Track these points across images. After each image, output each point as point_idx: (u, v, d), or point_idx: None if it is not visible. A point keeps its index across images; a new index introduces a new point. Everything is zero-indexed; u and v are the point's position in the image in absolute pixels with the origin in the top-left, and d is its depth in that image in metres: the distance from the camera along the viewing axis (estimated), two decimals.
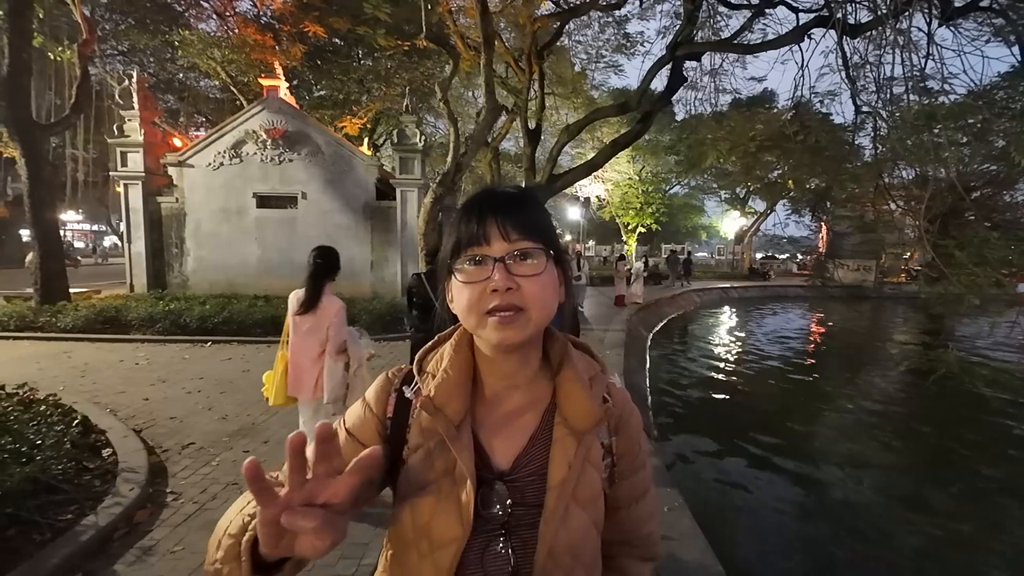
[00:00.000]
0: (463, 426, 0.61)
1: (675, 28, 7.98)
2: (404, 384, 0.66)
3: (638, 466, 0.69)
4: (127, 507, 2.54)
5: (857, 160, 8.41)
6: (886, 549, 3.35)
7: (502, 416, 0.64)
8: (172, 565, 2.20)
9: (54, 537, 2.23)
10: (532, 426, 0.63)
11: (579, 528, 0.59)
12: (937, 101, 4.05)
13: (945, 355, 3.79)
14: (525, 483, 0.60)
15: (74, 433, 3.13)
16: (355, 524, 2.56)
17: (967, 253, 3.58)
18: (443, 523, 0.57)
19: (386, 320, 7.94)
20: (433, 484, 0.59)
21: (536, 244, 0.58)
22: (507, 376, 0.64)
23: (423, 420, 0.62)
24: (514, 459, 0.61)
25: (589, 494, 0.61)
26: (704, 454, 4.75)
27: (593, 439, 0.63)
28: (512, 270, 0.56)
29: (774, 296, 19.83)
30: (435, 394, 0.61)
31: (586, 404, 0.61)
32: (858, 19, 5.55)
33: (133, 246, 9.93)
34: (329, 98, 14.58)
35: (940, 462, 4.91)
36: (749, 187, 24.11)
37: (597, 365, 0.69)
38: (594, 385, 0.64)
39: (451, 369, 0.63)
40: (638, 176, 21.98)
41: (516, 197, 0.61)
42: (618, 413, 0.67)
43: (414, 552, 0.59)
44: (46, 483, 2.49)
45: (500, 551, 0.58)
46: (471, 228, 0.58)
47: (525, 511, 0.59)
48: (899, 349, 10.71)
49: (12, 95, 7.61)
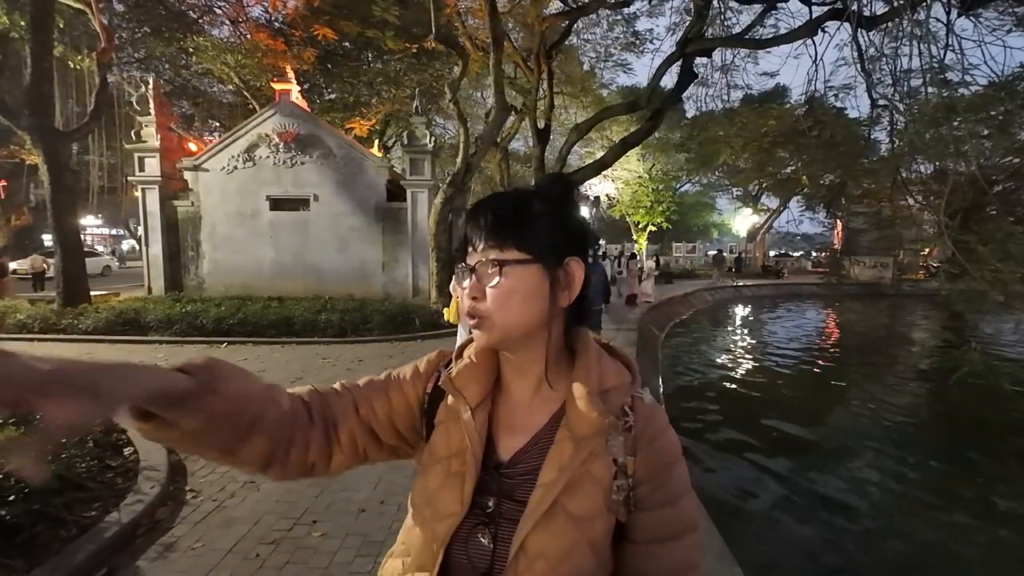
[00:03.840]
0: (479, 411, 0.64)
1: (685, 24, 7.91)
2: (446, 365, 0.71)
3: (667, 499, 0.61)
4: (149, 504, 2.59)
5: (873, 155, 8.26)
6: (906, 550, 3.29)
7: (515, 410, 0.65)
8: (193, 561, 2.24)
9: (79, 533, 2.28)
10: (539, 425, 0.63)
11: (563, 540, 0.56)
12: (957, 93, 3.96)
13: (968, 353, 3.70)
14: (518, 479, 0.61)
15: (97, 432, 3.21)
16: (370, 521, 2.59)
17: (990, 248, 3.49)
18: (446, 497, 0.61)
19: (397, 321, 7.99)
20: (446, 459, 0.64)
21: (501, 253, 0.58)
22: (517, 369, 0.65)
23: (449, 399, 0.66)
24: (514, 454, 0.62)
25: (584, 509, 0.58)
26: (719, 454, 4.70)
27: (598, 451, 0.59)
28: (482, 279, 0.59)
29: (788, 294, 19.52)
30: (456, 376, 0.65)
31: (587, 409, 0.59)
32: (873, 11, 5.45)
33: (151, 249, 10.15)
34: (340, 101, 14.73)
35: (963, 463, 4.80)
36: (762, 184, 23.79)
37: (627, 375, 0.65)
38: (611, 395, 0.61)
39: (475, 356, 0.66)
40: (648, 174, 21.82)
41: (500, 203, 0.60)
42: (640, 431, 0.61)
43: (419, 517, 0.65)
44: (71, 480, 2.55)
45: (482, 540, 0.59)
46: (460, 236, 0.64)
47: (513, 506, 0.59)
48: (919, 347, 10.48)
49: (35, 103, 7.82)
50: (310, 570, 2.20)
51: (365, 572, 2.19)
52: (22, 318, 7.34)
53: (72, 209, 8.54)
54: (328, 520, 2.59)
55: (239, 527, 2.51)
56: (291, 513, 2.65)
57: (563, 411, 0.62)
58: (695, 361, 8.56)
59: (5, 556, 2.04)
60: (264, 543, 2.39)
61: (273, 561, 2.25)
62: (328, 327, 7.51)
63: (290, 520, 2.58)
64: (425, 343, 7.44)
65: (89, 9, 8.67)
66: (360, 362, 6.12)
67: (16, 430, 2.58)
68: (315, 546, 2.37)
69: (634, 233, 24.04)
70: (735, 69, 8.41)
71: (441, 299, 9.07)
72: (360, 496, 2.80)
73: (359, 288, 9.92)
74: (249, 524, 2.54)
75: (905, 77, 4.33)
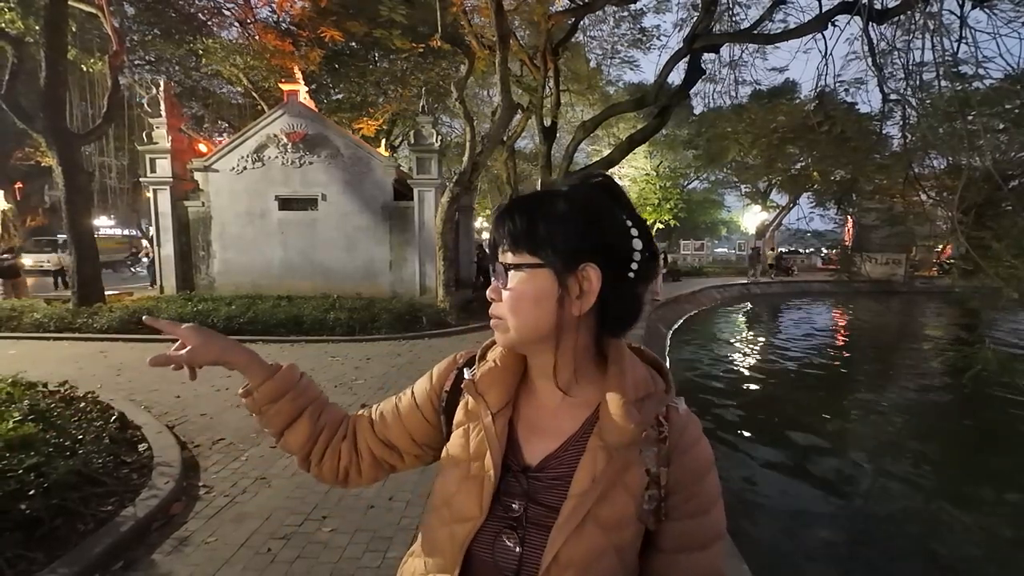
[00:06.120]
0: (500, 415, 0.63)
1: (692, 20, 7.84)
2: (467, 366, 0.71)
3: (697, 510, 0.60)
4: (163, 499, 2.64)
5: (885, 150, 8.14)
6: (917, 550, 3.25)
7: (543, 413, 0.64)
8: (207, 555, 2.28)
9: (97, 527, 2.33)
10: (570, 431, 0.62)
11: (593, 548, 0.57)
12: (971, 87, 3.88)
13: (982, 351, 3.64)
14: (548, 484, 0.60)
15: (112, 429, 3.27)
16: (379, 517, 2.62)
17: (1004, 244, 3.43)
18: (465, 500, 0.62)
19: (406, 319, 8.03)
20: (464, 463, 0.64)
21: (515, 257, 0.58)
22: (543, 372, 0.63)
23: (470, 402, 0.67)
24: (544, 458, 0.61)
25: (614, 517, 0.58)
26: (729, 453, 4.67)
27: (632, 460, 0.58)
28: (498, 281, 0.61)
29: (798, 292, 19.32)
30: (480, 380, 0.65)
31: (622, 419, 0.57)
32: (885, 4, 5.38)
33: (162, 249, 10.28)
34: (347, 101, 14.79)
35: (976, 462, 4.73)
36: (771, 180, 23.52)
37: (662, 384, 0.64)
38: (646, 403, 0.59)
39: (499, 360, 0.66)
40: (655, 172, 21.70)
41: (521, 207, 0.60)
42: (674, 442, 0.60)
43: (438, 517, 0.65)
44: (88, 476, 2.61)
45: (509, 543, 0.59)
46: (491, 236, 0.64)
47: (541, 511, 0.59)
48: (932, 345, 10.33)
49: (50, 106, 7.95)
50: (320, 565, 2.23)
51: (374, 567, 2.21)
52: (39, 317, 7.49)
53: (86, 210, 8.67)
54: (338, 516, 2.62)
55: (251, 522, 2.55)
56: (302, 509, 2.68)
57: (595, 417, 0.61)
58: (703, 358, 8.51)
59: (26, 549, 2.09)
60: (275, 538, 2.42)
61: (284, 556, 2.29)
62: (337, 326, 7.57)
63: (301, 516, 2.62)
64: (432, 342, 7.48)
65: (101, 12, 8.79)
66: (368, 360, 6.17)
67: (34, 426, 2.64)
68: (325, 541, 2.41)
69: None
70: (743, 64, 8.35)
71: (448, 297, 9.11)
72: (369, 493, 2.83)
73: (367, 287, 9.98)
74: (261, 519, 2.58)
75: (918, 71, 4.26)
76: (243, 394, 0.72)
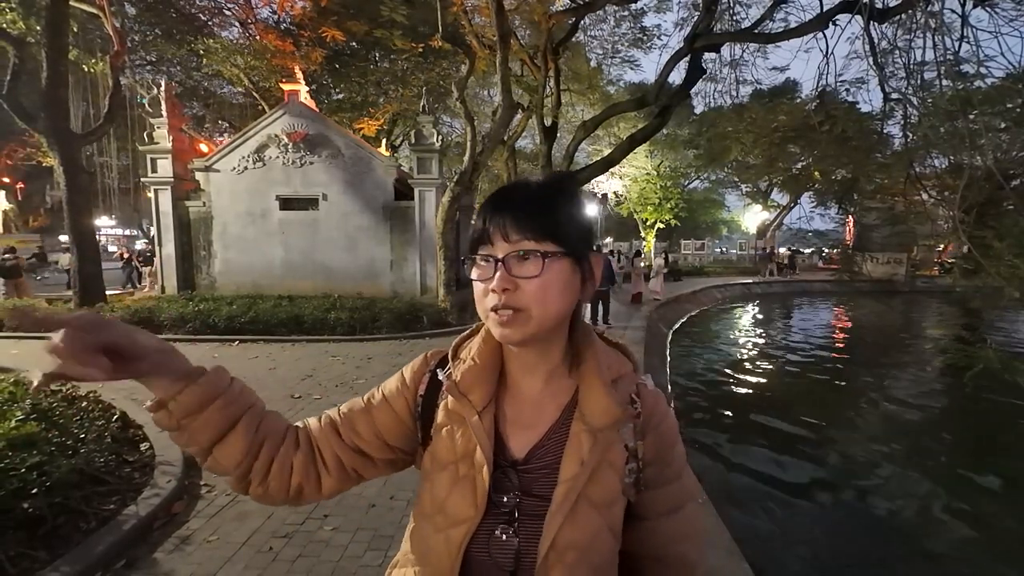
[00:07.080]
0: (485, 413, 0.63)
1: (693, 19, 7.84)
2: (439, 367, 0.70)
3: (671, 476, 0.66)
4: (165, 498, 2.65)
5: (886, 149, 8.13)
6: (915, 549, 3.25)
7: (524, 406, 0.65)
8: (208, 554, 2.29)
9: (99, 526, 2.34)
10: (551, 419, 0.63)
11: (588, 528, 0.59)
12: (972, 86, 3.87)
13: (983, 350, 3.64)
14: (537, 474, 0.61)
15: (114, 428, 3.27)
16: (381, 516, 2.62)
17: (1006, 244, 3.42)
18: (458, 502, 0.61)
19: (407, 319, 8.04)
20: (452, 464, 0.63)
21: (538, 245, 0.56)
22: (528, 367, 0.65)
23: (450, 402, 0.65)
24: (529, 449, 0.62)
25: (604, 496, 0.60)
26: (729, 453, 4.67)
27: (613, 439, 0.61)
28: (513, 271, 0.57)
29: (798, 291, 19.31)
30: (461, 380, 0.64)
31: (603, 401, 0.60)
32: (885, 3, 5.37)
33: (164, 249, 10.29)
34: (348, 100, 14.81)
35: (976, 460, 4.72)
36: (772, 180, 23.51)
37: (629, 364, 0.67)
38: (619, 384, 0.63)
39: (478, 357, 0.66)
40: (656, 171, 21.66)
41: (528, 195, 0.59)
42: (647, 416, 0.64)
43: (430, 525, 0.63)
44: (90, 474, 2.61)
45: (505, 537, 0.59)
46: (480, 226, 0.60)
47: (534, 502, 0.60)
48: (933, 344, 10.31)
49: (51, 106, 7.97)
50: (322, 563, 2.24)
51: (375, 566, 2.22)
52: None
53: (88, 210, 8.69)
54: (339, 515, 2.63)
55: (253, 521, 2.56)
56: (303, 508, 2.69)
57: (574, 403, 0.63)
58: (704, 357, 8.51)
59: (29, 547, 2.10)
60: (277, 536, 2.43)
61: (286, 554, 2.30)
62: (338, 325, 7.58)
63: (302, 514, 2.62)
64: (433, 341, 7.49)
65: (102, 13, 8.81)
66: (369, 360, 6.18)
67: (36, 425, 2.65)
68: (327, 540, 2.41)
69: (642, 230, 23.90)
70: (744, 64, 8.32)
71: (449, 297, 9.11)
72: (370, 492, 2.84)
73: (368, 287, 9.99)
74: (262, 518, 2.58)
75: (919, 70, 4.25)
76: (153, 407, 0.57)
